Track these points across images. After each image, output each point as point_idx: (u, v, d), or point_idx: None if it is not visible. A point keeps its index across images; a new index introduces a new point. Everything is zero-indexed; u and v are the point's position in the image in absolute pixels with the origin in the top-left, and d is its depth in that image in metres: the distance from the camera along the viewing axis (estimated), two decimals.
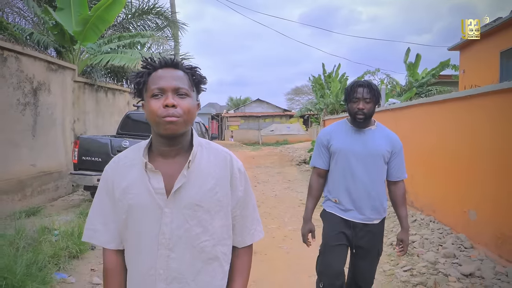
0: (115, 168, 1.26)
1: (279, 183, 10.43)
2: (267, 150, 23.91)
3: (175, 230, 1.17)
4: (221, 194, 1.24)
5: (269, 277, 3.84)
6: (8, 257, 3.21)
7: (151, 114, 1.16)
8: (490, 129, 4.03)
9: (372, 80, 20.08)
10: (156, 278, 1.16)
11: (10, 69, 6.04)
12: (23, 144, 6.39)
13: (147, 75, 1.20)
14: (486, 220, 4.03)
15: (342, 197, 2.37)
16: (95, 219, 1.26)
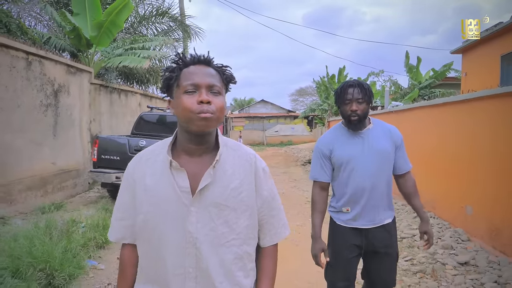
0: (138, 164, 1.25)
1: (285, 182, 10.76)
2: (272, 151, 24.23)
3: (200, 229, 1.15)
4: (245, 194, 1.23)
5: (280, 267, 4.11)
6: (47, 245, 3.56)
7: (184, 110, 1.13)
8: (488, 132, 4.35)
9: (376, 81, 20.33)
10: (186, 277, 1.15)
11: (34, 73, 6.41)
12: (45, 143, 6.76)
13: (179, 71, 1.18)
14: (481, 215, 4.34)
15: (354, 206, 2.21)
16: (115, 214, 1.28)
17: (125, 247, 1.28)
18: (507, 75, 9.73)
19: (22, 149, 6.07)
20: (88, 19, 8.67)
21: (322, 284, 3.72)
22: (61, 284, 3.26)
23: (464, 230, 4.57)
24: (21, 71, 6.07)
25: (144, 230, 1.19)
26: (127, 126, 10.37)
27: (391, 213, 2.28)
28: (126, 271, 1.27)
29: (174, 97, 1.19)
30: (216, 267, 1.16)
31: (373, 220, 2.21)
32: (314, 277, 3.87)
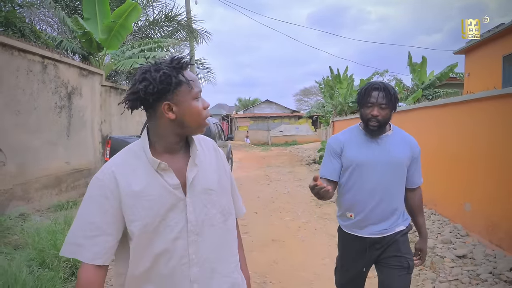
0: (117, 174, 1.21)
1: (291, 181, 10.97)
2: (276, 151, 24.43)
3: (198, 216, 1.24)
4: (219, 175, 1.36)
5: (288, 260, 4.39)
6: None
7: (199, 116, 1.23)
8: (487, 132, 4.54)
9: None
10: (190, 264, 1.22)
11: (49, 76, 6.67)
12: (59, 144, 7.02)
13: (183, 75, 1.21)
14: (479, 211, 4.54)
15: (358, 213, 2.11)
16: (81, 232, 1.18)
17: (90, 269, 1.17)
18: (509, 75, 9.89)
19: (38, 149, 6.33)
20: (98, 23, 8.92)
21: (328, 275, 3.96)
22: None
23: (463, 226, 4.77)
24: (37, 75, 6.33)
25: (144, 234, 1.19)
26: (135, 126, 10.64)
27: (403, 222, 2.14)
28: None
29: (179, 102, 1.20)
30: (211, 245, 1.27)
31: (380, 230, 2.09)
32: (320, 269, 4.10)
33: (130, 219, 1.19)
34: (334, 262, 2.45)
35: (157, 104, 1.20)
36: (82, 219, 1.19)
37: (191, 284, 1.23)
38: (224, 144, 10.29)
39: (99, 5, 8.88)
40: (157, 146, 1.25)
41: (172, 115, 1.20)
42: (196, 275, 1.23)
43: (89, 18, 8.89)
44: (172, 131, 1.23)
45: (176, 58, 1.22)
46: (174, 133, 1.24)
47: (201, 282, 1.24)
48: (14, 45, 5.71)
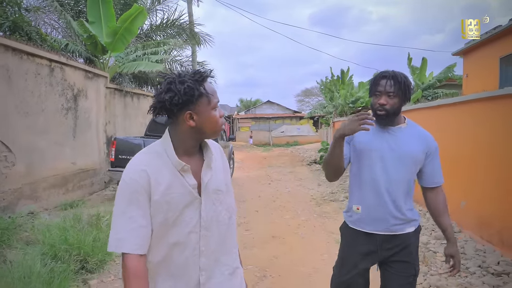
0: (147, 174, 1.34)
1: (291, 181, 11.15)
2: (278, 151, 24.61)
3: (208, 213, 1.42)
4: (225, 177, 1.54)
5: (288, 255, 4.57)
6: (78, 234, 4.00)
7: (216, 124, 1.40)
8: (478, 134, 4.72)
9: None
10: (200, 255, 1.41)
11: (56, 78, 6.87)
12: (66, 144, 7.22)
13: (204, 88, 1.35)
14: (472, 209, 4.72)
15: (366, 206, 2.04)
16: (121, 227, 1.32)
17: (134, 258, 1.30)
18: (505, 76, 10.06)
19: (46, 150, 6.54)
20: (103, 27, 9.13)
21: (326, 270, 4.14)
22: (93, 268, 3.70)
23: (457, 223, 4.95)
24: (45, 77, 6.54)
25: (165, 226, 1.36)
26: (139, 127, 10.85)
27: (413, 222, 2.05)
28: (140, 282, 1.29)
29: (199, 111, 1.35)
30: (218, 239, 1.45)
31: (388, 226, 2.00)
32: (318, 264, 4.28)
33: (154, 213, 1.34)
34: (333, 258, 2.30)
35: (180, 112, 1.35)
36: (121, 215, 1.32)
37: (200, 272, 1.40)
38: (226, 144, 10.49)
39: (103, 8, 9.10)
40: (178, 149, 1.38)
41: (192, 122, 1.35)
42: (204, 264, 1.41)
43: (94, 22, 9.10)
44: (191, 136, 1.39)
45: (198, 72, 1.36)
46: (193, 138, 1.39)
47: (208, 270, 1.42)
48: (23, 49, 5.92)
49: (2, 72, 5.50)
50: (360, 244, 2.06)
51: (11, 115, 5.68)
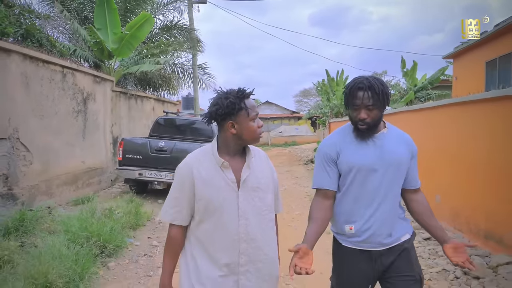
0: (192, 166, 1.69)
1: (288, 179, 11.69)
2: (276, 151, 25.11)
3: (246, 206, 1.67)
4: (267, 179, 1.79)
5: (281, 244, 5.06)
6: (95, 225, 4.52)
7: (254, 133, 1.68)
8: (455, 134, 5.25)
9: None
10: (240, 240, 1.66)
11: (68, 83, 7.39)
12: (76, 145, 7.74)
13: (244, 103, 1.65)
14: (446, 202, 5.26)
15: (359, 224, 1.92)
16: (168, 203, 1.73)
17: (175, 227, 1.73)
18: (491, 80, 10.58)
19: (59, 149, 7.05)
20: (109, 33, 9.65)
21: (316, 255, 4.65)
22: (111, 253, 4.23)
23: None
24: (58, 83, 7.05)
25: (206, 211, 1.66)
26: (142, 128, 11.36)
27: (408, 228, 2.00)
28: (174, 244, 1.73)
29: (239, 122, 1.64)
30: (257, 229, 1.70)
31: (383, 241, 1.90)
32: None
33: (198, 198, 1.67)
34: (320, 247, 2.28)
35: (224, 122, 1.66)
36: (170, 195, 1.74)
37: (240, 255, 1.67)
38: None
39: (109, 16, 9.61)
40: (222, 150, 1.71)
41: (233, 130, 1.66)
42: (243, 249, 1.67)
43: (101, 28, 9.61)
44: (233, 141, 1.69)
45: (241, 90, 1.67)
46: (234, 143, 1.69)
47: (248, 255, 1.68)
48: (39, 57, 6.44)
49: (21, 78, 6.02)
50: (356, 263, 1.94)
51: (28, 117, 6.19)
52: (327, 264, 4.33)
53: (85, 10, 11.69)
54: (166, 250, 1.75)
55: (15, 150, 5.83)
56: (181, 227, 1.73)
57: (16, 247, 3.82)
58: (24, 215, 4.65)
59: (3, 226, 4.44)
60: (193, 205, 1.69)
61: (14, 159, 5.80)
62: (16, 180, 5.86)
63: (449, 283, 3.52)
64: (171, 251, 1.74)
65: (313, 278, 4.07)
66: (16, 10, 8.18)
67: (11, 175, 5.75)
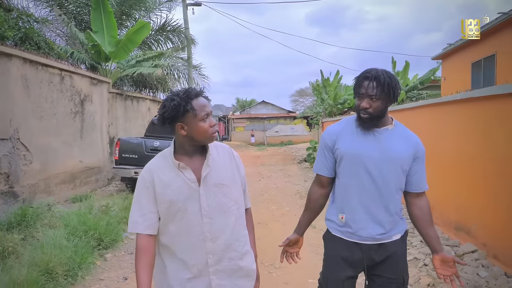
0: (153, 171, 1.68)
1: (280, 178, 11.98)
2: (271, 150, 25.40)
3: (210, 203, 1.65)
4: (232, 174, 1.76)
5: (269, 237, 5.41)
6: (91, 220, 4.82)
7: (205, 133, 1.62)
8: (430, 134, 5.57)
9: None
10: (205, 239, 1.64)
11: (66, 85, 7.67)
12: (74, 144, 8.02)
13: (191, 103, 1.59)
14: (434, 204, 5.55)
15: (350, 214, 1.94)
16: (136, 213, 1.68)
17: (143, 236, 1.65)
18: (476, 81, 10.91)
19: (57, 149, 7.34)
20: (105, 36, 9.93)
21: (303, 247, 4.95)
22: (108, 245, 4.53)
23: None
24: (56, 85, 7.33)
25: (169, 214, 1.65)
26: (138, 128, 11.66)
27: (401, 229, 1.99)
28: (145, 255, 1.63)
29: (188, 123, 1.61)
30: (223, 226, 1.68)
31: (374, 235, 1.91)
32: None
33: (159, 202, 1.65)
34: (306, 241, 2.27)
35: (174, 124, 1.64)
36: (136, 203, 1.69)
37: (207, 255, 1.66)
38: None
39: (105, 19, 9.88)
40: (179, 151, 1.70)
41: (183, 132, 1.63)
42: (210, 248, 1.65)
43: (97, 31, 9.89)
44: (186, 142, 1.67)
45: (188, 90, 1.63)
46: (188, 144, 1.67)
47: (215, 254, 1.67)
48: (38, 60, 6.72)
49: (22, 81, 6.30)
50: (345, 253, 1.97)
51: (29, 118, 6.47)
52: (309, 255, 4.67)
53: (82, 13, 11.96)
54: (138, 263, 1.63)
55: (15, 150, 6.11)
56: (151, 236, 1.69)
57: (19, 240, 4.11)
58: (25, 211, 4.94)
59: (6, 221, 4.73)
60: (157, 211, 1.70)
61: (14, 159, 6.08)
62: (17, 179, 6.14)
63: (418, 270, 3.83)
64: (145, 263, 1.63)
65: (296, 268, 4.39)
66: (14, 14, 8.45)
67: (12, 173, 6.03)
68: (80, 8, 11.76)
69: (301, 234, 2.12)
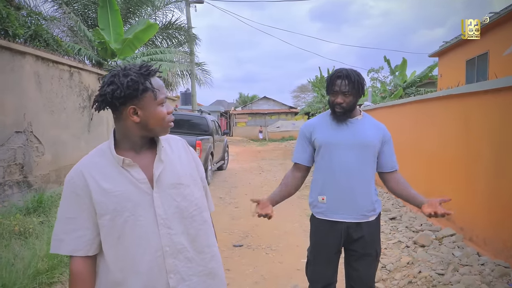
0: (86, 173, 1.28)
1: (280, 171, 12.36)
2: (272, 146, 25.78)
3: (167, 209, 1.30)
4: (190, 170, 1.43)
5: (266, 224, 5.70)
6: None
7: (162, 120, 1.30)
8: (415, 129, 5.94)
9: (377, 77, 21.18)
10: (164, 255, 1.29)
11: (74, 81, 8.06)
12: (82, 138, 8.41)
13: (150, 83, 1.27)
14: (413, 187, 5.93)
15: (330, 195, 2.18)
16: (60, 229, 1.28)
17: (77, 260, 1.28)
18: (471, 78, 11.24)
19: (67, 142, 7.73)
20: (111, 33, 10.30)
21: (294, 232, 5.36)
22: None
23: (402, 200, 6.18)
24: (66, 81, 7.72)
25: (114, 228, 1.26)
26: None
27: (376, 209, 2.22)
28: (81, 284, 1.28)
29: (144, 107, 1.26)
30: (185, 236, 1.34)
31: (352, 213, 2.15)
32: (289, 228, 5.52)
33: (100, 214, 1.26)
34: (301, 226, 2.50)
35: (123, 107, 1.26)
36: (61, 216, 1.29)
37: (167, 275, 1.29)
38: (220, 138, 11.69)
39: (111, 16, 10.25)
40: (123, 145, 1.32)
41: (136, 118, 1.27)
42: (171, 266, 1.30)
43: (104, 29, 10.26)
44: (137, 132, 1.31)
45: (145, 66, 1.30)
46: (138, 134, 1.31)
47: (178, 272, 1.32)
48: (49, 58, 7.09)
49: (34, 77, 6.68)
50: (327, 232, 2.21)
51: (40, 113, 6.86)
52: (303, 239, 5.07)
53: (89, 10, 12.32)
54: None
55: (29, 142, 6.50)
56: (87, 258, 1.30)
57: (38, 223, 4.51)
58: (41, 197, 5.33)
59: (24, 207, 5.13)
60: (96, 224, 1.30)
61: (28, 150, 6.47)
62: (30, 169, 6.54)
63: (400, 251, 4.21)
64: None
65: (290, 250, 4.79)
66: (24, 12, 8.82)
67: (26, 164, 6.43)
68: (86, 6, 12.12)
69: (270, 201, 2.31)
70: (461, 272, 3.40)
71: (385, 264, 3.92)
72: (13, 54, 6.11)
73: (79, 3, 11.84)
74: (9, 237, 4.01)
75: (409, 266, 3.77)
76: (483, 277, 3.25)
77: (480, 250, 3.89)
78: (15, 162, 6.14)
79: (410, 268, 3.71)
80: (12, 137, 6.06)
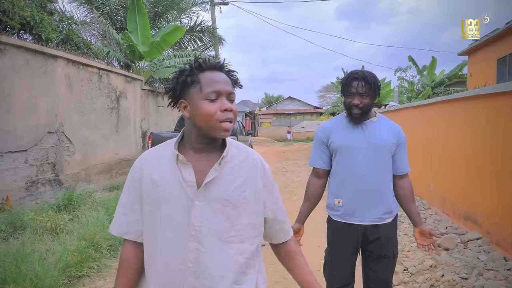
0: (144, 161, 1.27)
1: (304, 172, 12.34)
2: (297, 146, 25.75)
3: (204, 223, 1.16)
4: (248, 193, 1.24)
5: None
6: None
7: (208, 117, 1.16)
8: (442, 129, 5.81)
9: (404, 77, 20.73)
10: (186, 271, 1.15)
11: (103, 83, 8.33)
12: (111, 138, 8.68)
13: (197, 75, 1.19)
14: (438, 189, 5.84)
15: (347, 198, 2.17)
16: (118, 211, 1.31)
17: (127, 244, 1.28)
18: (502, 77, 10.88)
19: (96, 142, 8.00)
20: (139, 36, 10.57)
21: (316, 233, 5.36)
22: None
23: (428, 202, 6.08)
24: (95, 83, 7.99)
25: (151, 224, 1.22)
26: (168, 123, 12.31)
27: (393, 212, 2.21)
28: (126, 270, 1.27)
29: (191, 101, 1.20)
30: (216, 262, 1.17)
31: (369, 216, 2.15)
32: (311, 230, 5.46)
33: (144, 204, 1.24)
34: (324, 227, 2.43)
35: (178, 100, 1.25)
36: (121, 200, 1.32)
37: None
38: (244, 139, 11.80)
39: (139, 19, 10.52)
40: (186, 143, 1.27)
41: (187, 113, 1.22)
42: (190, 285, 1.16)
43: (132, 31, 10.54)
44: (192, 130, 1.24)
45: (197, 59, 1.23)
46: (194, 132, 1.23)
47: None
48: (80, 61, 7.37)
49: (65, 80, 6.96)
50: (344, 234, 2.21)
51: (71, 114, 7.13)
52: (325, 241, 5.05)
53: (117, 14, 12.68)
54: (116, 279, 1.30)
55: (60, 142, 6.77)
56: (137, 245, 1.29)
57: (68, 219, 4.70)
58: (71, 195, 5.55)
59: (55, 204, 5.35)
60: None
61: (60, 150, 6.74)
62: (62, 168, 6.81)
63: (423, 253, 4.14)
64: (122, 277, 1.28)
65: (311, 250, 4.79)
66: (57, 18, 9.18)
67: (58, 163, 6.70)
68: (115, 10, 12.48)
69: (302, 223, 2.32)
70: (485, 277, 3.32)
71: (407, 266, 3.88)
72: (45, 57, 6.38)
73: (108, 7, 12.20)
74: (42, 233, 4.21)
75: (432, 269, 3.71)
76: (509, 282, 3.17)
77: (507, 255, 3.78)
78: (47, 161, 6.41)
79: (433, 271, 3.66)
80: (44, 137, 6.33)
